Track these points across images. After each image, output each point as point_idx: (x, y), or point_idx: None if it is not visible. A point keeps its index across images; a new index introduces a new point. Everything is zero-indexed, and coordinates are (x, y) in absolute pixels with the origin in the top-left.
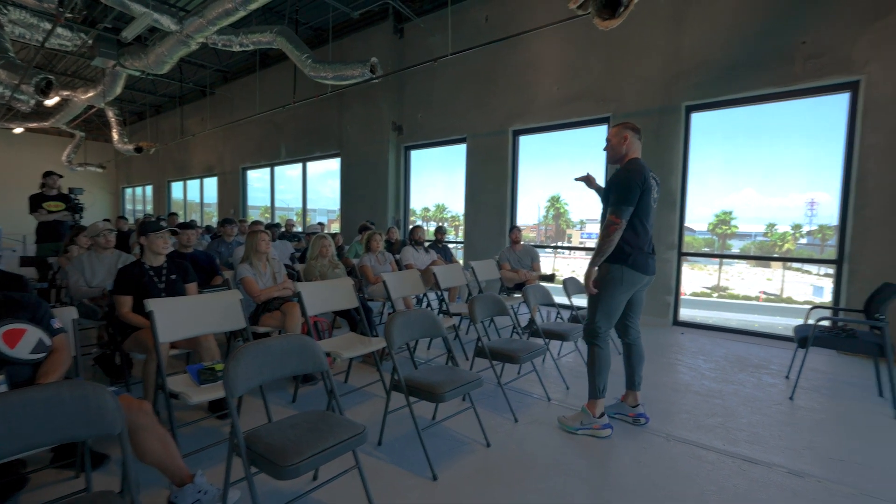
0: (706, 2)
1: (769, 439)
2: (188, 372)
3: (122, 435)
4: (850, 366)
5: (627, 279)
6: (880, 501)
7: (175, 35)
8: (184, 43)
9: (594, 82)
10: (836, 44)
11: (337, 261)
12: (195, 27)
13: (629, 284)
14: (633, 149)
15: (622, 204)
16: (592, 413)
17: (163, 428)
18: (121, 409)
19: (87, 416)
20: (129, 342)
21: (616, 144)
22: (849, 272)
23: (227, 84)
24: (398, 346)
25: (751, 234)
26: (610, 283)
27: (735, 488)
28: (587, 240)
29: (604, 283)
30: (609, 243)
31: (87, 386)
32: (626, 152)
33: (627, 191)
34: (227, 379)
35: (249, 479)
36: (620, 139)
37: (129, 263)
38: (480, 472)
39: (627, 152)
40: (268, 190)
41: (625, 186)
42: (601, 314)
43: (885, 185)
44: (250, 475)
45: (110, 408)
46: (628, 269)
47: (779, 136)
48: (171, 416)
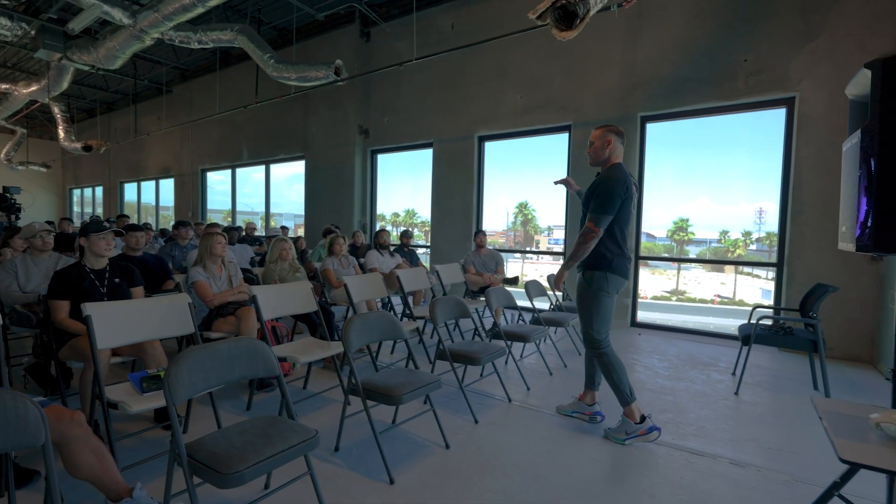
0: (657, 20)
1: (715, 432)
2: (130, 380)
3: (46, 447)
4: (789, 361)
5: (612, 284)
6: (811, 486)
7: (128, 29)
8: (137, 38)
9: (556, 92)
10: (773, 62)
11: (298, 264)
12: (149, 22)
13: (614, 289)
14: (616, 153)
15: (602, 213)
16: (632, 419)
17: (97, 440)
18: (44, 420)
19: (5, 428)
20: (66, 350)
21: (599, 147)
22: (787, 275)
23: (186, 82)
24: (356, 348)
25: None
26: (597, 290)
27: (682, 480)
28: (554, 245)
29: (593, 292)
30: (585, 250)
31: (6, 395)
32: (608, 156)
33: (609, 200)
34: (168, 385)
35: (191, 489)
36: (604, 142)
37: (67, 266)
38: (438, 475)
39: (610, 156)
40: (229, 193)
41: (607, 195)
42: (597, 322)
43: (816, 194)
44: (192, 486)
45: (31, 418)
46: (612, 275)
47: (727, 147)
48: (109, 427)
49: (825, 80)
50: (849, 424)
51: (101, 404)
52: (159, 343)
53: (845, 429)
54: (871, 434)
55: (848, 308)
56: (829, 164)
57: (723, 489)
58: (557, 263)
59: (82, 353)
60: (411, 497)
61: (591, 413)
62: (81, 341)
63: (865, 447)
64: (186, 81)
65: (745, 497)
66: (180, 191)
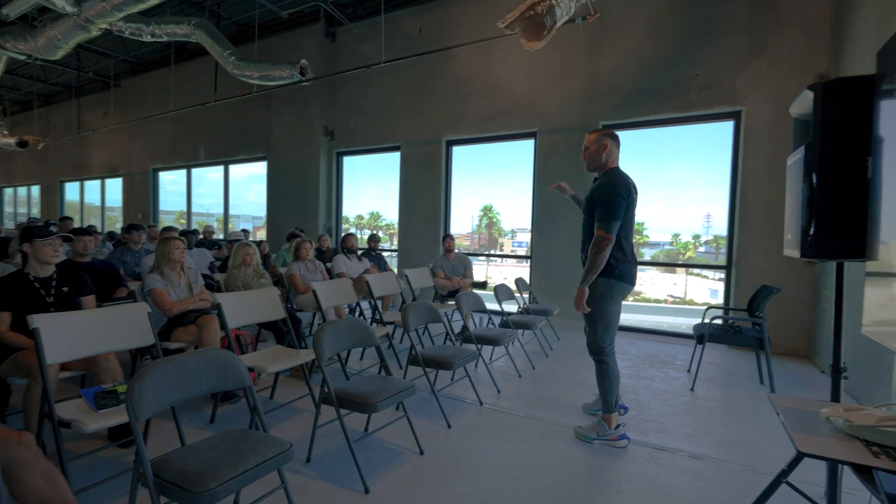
0: (617, 34)
1: (674, 427)
2: (83, 396)
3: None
4: (738, 358)
5: (617, 290)
6: (762, 475)
7: (71, 18)
8: (82, 28)
9: (522, 99)
10: (722, 78)
11: (262, 270)
12: (96, 11)
13: (619, 295)
14: (613, 157)
15: (611, 219)
16: (609, 425)
17: (48, 462)
18: None
19: None
20: (6, 366)
21: (595, 152)
22: (736, 276)
23: (136, 76)
24: (328, 357)
25: (660, 243)
26: (602, 297)
27: (646, 474)
28: (518, 248)
29: (597, 299)
30: (601, 259)
31: None
32: (606, 160)
33: (615, 205)
34: (131, 400)
35: None
36: (600, 146)
37: (8, 274)
38: (413, 481)
39: (608, 160)
40: (183, 193)
41: (612, 201)
42: (601, 329)
43: (761, 201)
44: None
45: None
46: (616, 281)
47: (681, 156)
48: (60, 447)
49: (768, 96)
50: (802, 419)
51: (52, 423)
52: (114, 356)
53: (799, 423)
54: (822, 427)
55: (788, 307)
56: (772, 174)
57: (683, 481)
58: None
59: (26, 368)
60: (387, 499)
61: (614, 438)
62: (25, 356)
63: (818, 440)
64: (137, 75)
65: (704, 488)
66: (129, 191)
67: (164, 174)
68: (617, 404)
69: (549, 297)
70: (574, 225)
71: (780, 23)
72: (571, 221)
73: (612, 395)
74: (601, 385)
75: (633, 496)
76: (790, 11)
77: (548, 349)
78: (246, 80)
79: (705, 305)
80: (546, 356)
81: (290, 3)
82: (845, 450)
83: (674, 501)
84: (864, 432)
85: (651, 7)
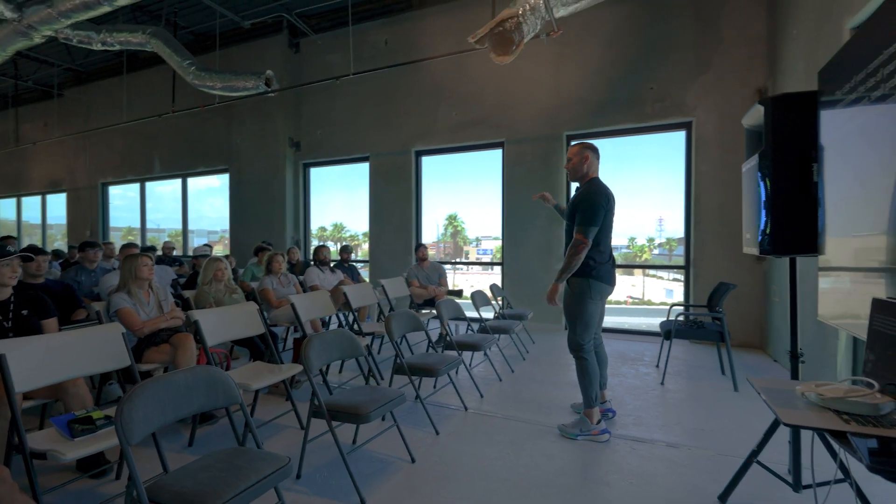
0: (578, 50)
1: (649, 419)
2: (55, 425)
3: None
4: (700, 352)
5: (595, 290)
6: (732, 458)
7: (11, 24)
8: (23, 34)
9: (490, 110)
10: (674, 91)
11: (234, 285)
12: (40, 18)
13: (598, 295)
14: (594, 168)
15: (589, 225)
16: (590, 420)
17: (24, 496)
18: None
19: None
20: None
21: (577, 164)
22: (693, 275)
23: (82, 86)
24: (317, 369)
25: (618, 246)
26: (581, 296)
27: (629, 466)
28: (483, 256)
29: (576, 298)
30: (577, 261)
31: None
32: (587, 171)
33: (594, 212)
34: (121, 424)
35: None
36: (581, 158)
37: None
38: (407, 490)
39: (588, 171)
40: (128, 209)
41: (591, 208)
42: (580, 327)
43: (712, 205)
44: None
45: None
46: (594, 281)
47: (639, 163)
48: (34, 480)
49: (715, 108)
50: (780, 396)
51: (23, 455)
52: (83, 381)
53: (779, 400)
54: (798, 402)
55: (741, 302)
56: (722, 178)
57: (663, 469)
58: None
59: None
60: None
61: (603, 410)
62: None
63: (798, 413)
64: (82, 85)
65: (682, 474)
66: (74, 207)
67: (113, 189)
68: (597, 399)
69: (521, 302)
70: (543, 231)
71: (723, 42)
72: (541, 228)
73: (592, 390)
74: (581, 381)
75: (620, 487)
76: (731, 31)
77: (524, 353)
78: (207, 91)
79: (662, 305)
80: (523, 359)
81: (253, 14)
82: (822, 419)
83: (657, 489)
84: (835, 403)
85: (608, 25)
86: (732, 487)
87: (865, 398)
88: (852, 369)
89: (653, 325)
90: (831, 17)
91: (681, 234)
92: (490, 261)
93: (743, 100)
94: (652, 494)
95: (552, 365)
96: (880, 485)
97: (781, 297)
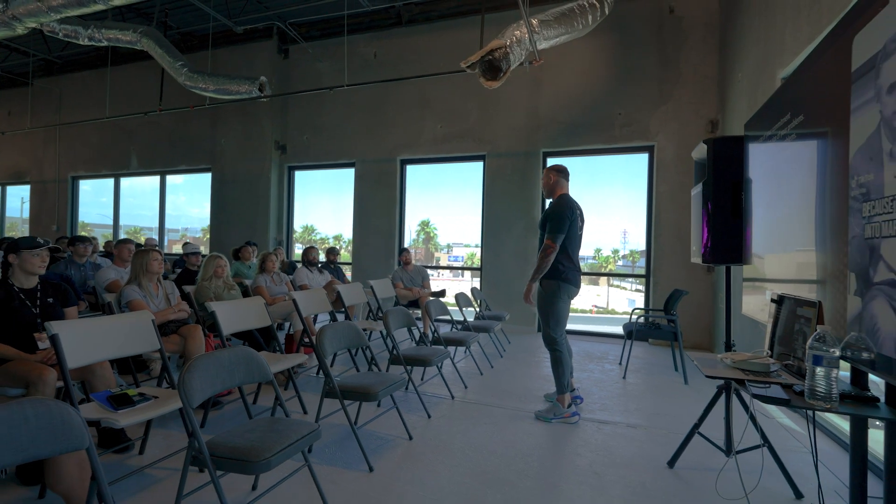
0: (554, 75)
1: (613, 406)
2: (96, 400)
3: (91, 450)
4: (656, 352)
5: (564, 290)
6: (681, 435)
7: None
8: (6, 25)
9: (473, 125)
10: (639, 118)
11: (231, 282)
12: (27, 10)
13: (566, 295)
14: (561, 186)
15: (557, 232)
16: (562, 405)
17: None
18: (85, 425)
19: (53, 433)
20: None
21: (546, 183)
22: (653, 283)
23: (53, 76)
24: (330, 355)
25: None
26: (552, 296)
27: (596, 442)
28: (454, 262)
29: (548, 298)
30: (546, 263)
31: (49, 403)
32: (555, 188)
33: (560, 221)
34: (185, 390)
35: (216, 481)
36: (549, 179)
37: None
38: (409, 460)
39: (556, 188)
40: (92, 203)
41: (558, 218)
42: (553, 323)
43: (670, 221)
44: (216, 479)
45: (76, 423)
46: (563, 283)
47: (608, 181)
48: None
49: (673, 135)
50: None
51: None
52: (108, 363)
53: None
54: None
55: (692, 308)
56: (678, 198)
57: (625, 444)
58: (458, 279)
59: (23, 377)
60: (391, 479)
61: (573, 397)
62: (19, 365)
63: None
64: (53, 76)
65: (640, 447)
66: (41, 200)
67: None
68: (568, 386)
69: (499, 305)
70: (519, 240)
71: (681, 78)
72: (517, 237)
73: (564, 378)
74: (555, 371)
75: (588, 457)
76: (688, 69)
77: (502, 350)
78: (200, 93)
79: (624, 315)
80: (501, 357)
81: (246, 20)
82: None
83: (619, 458)
84: (742, 364)
85: (583, 56)
86: (678, 455)
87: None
88: None
89: (617, 331)
90: (767, 67)
91: (643, 247)
92: (461, 266)
93: (696, 129)
94: (615, 462)
95: (527, 362)
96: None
97: None
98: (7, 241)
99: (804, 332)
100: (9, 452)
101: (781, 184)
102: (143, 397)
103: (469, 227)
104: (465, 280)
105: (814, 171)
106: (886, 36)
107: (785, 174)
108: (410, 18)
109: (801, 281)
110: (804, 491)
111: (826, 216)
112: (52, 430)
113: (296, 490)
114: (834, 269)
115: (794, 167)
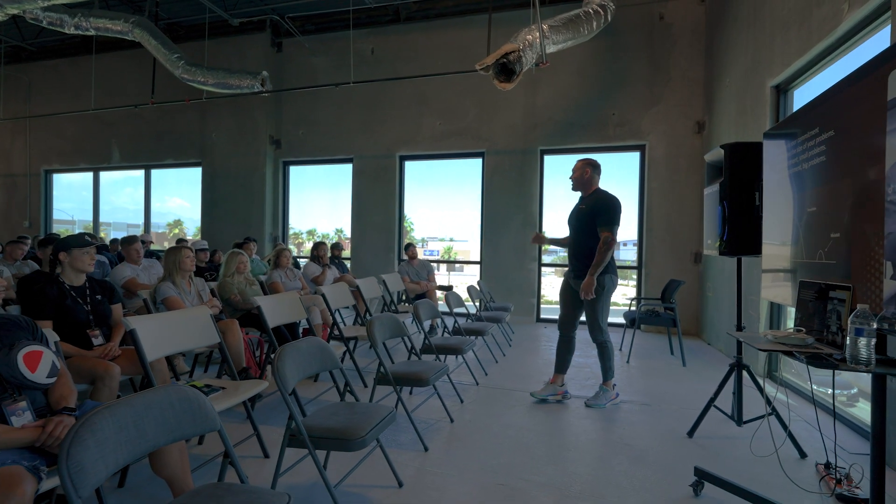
0: (551, 76)
1: (623, 388)
2: None
3: (222, 431)
4: (653, 339)
5: (612, 283)
6: (689, 410)
7: None
8: None
9: (471, 122)
10: (632, 118)
11: (252, 277)
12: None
13: (613, 288)
14: (595, 181)
15: (614, 224)
16: (609, 389)
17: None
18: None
19: (191, 417)
20: None
21: (579, 176)
22: (645, 274)
23: (23, 63)
24: (380, 343)
25: None
26: (605, 290)
27: (619, 418)
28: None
29: (599, 291)
30: (608, 256)
31: (188, 390)
32: (591, 183)
33: (615, 213)
34: (280, 375)
35: (314, 457)
36: (584, 173)
37: (39, 282)
38: (456, 440)
39: (591, 183)
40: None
41: (613, 210)
42: (602, 317)
43: (661, 216)
44: (315, 455)
45: (209, 407)
46: (613, 276)
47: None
48: None
49: (664, 135)
50: (753, 340)
51: None
52: (164, 359)
53: (753, 341)
54: (762, 341)
55: (681, 297)
56: (668, 194)
57: (644, 419)
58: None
59: (89, 373)
60: (446, 456)
61: (562, 392)
62: (83, 361)
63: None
64: (22, 63)
65: (658, 421)
66: (9, 195)
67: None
68: (612, 374)
69: (499, 297)
70: (515, 234)
71: (671, 81)
72: (514, 232)
73: (612, 366)
74: (604, 361)
75: (617, 432)
76: (677, 73)
77: (510, 341)
78: (197, 86)
79: (615, 305)
80: (510, 346)
81: (242, 13)
82: (777, 347)
83: (643, 431)
84: (783, 339)
85: (579, 58)
86: (696, 426)
87: (798, 336)
88: (769, 325)
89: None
90: (756, 75)
91: (635, 240)
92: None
93: (685, 130)
94: (640, 435)
95: (535, 350)
96: (796, 424)
97: (717, 291)
98: (53, 239)
99: (838, 311)
100: (163, 432)
101: (806, 185)
102: (211, 388)
103: (464, 222)
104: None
105: (850, 178)
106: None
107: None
108: (409, 16)
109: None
110: (807, 451)
111: (860, 216)
112: (192, 413)
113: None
114: (872, 258)
115: (826, 173)
